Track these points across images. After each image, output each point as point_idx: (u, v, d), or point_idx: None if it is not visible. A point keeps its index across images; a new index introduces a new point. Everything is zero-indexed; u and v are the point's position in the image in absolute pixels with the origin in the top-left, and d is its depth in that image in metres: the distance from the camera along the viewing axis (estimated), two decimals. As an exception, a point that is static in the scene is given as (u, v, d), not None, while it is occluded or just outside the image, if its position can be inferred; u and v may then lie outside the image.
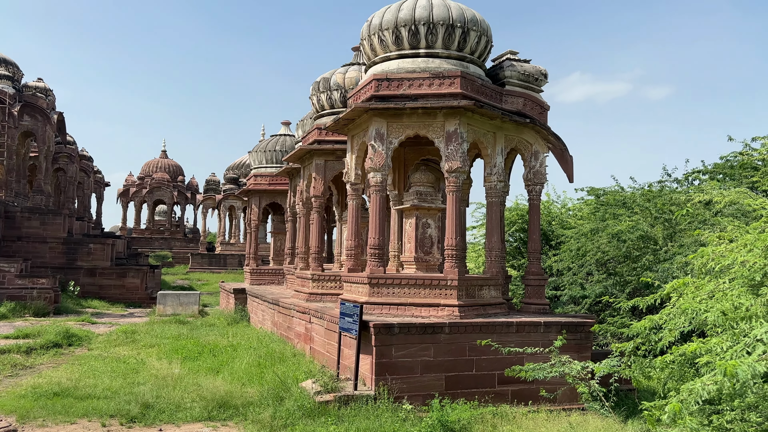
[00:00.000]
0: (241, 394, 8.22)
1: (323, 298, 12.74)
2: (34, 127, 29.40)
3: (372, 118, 9.62)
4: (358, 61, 13.74)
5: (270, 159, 21.16)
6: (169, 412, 7.56)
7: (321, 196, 13.61)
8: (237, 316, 17.30)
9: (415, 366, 8.37)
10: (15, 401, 7.92)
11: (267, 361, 10.41)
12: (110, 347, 12.39)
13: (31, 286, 19.19)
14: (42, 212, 24.97)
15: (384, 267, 9.78)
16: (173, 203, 49.29)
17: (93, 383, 8.84)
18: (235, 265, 39.13)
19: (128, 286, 24.45)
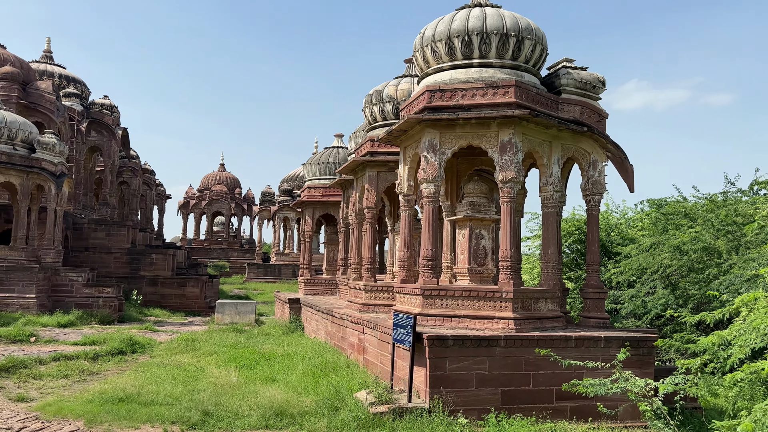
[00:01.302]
0: (297, 403, 8.31)
1: (376, 308, 12.76)
2: (100, 142, 30.87)
3: (425, 129, 9.62)
4: (411, 73, 13.80)
5: (323, 171, 21.46)
6: (228, 420, 7.71)
7: (373, 207, 13.69)
8: (292, 325, 17.53)
9: (470, 379, 8.26)
10: (83, 406, 8.25)
11: (321, 371, 10.49)
12: (171, 355, 12.78)
13: (98, 295, 20.04)
14: (107, 224, 26.12)
15: (437, 278, 9.72)
16: (231, 215, 50.62)
17: (155, 390, 9.12)
18: (289, 275, 39.75)
19: (188, 296, 25.22)
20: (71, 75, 31.34)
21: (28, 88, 25.34)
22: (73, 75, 31.47)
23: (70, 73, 31.39)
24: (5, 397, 8.91)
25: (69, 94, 29.33)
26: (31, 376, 10.21)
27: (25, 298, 18.42)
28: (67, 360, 11.49)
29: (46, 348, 12.80)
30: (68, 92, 29.39)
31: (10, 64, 24.92)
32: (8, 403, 8.63)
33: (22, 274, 18.66)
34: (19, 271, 18.69)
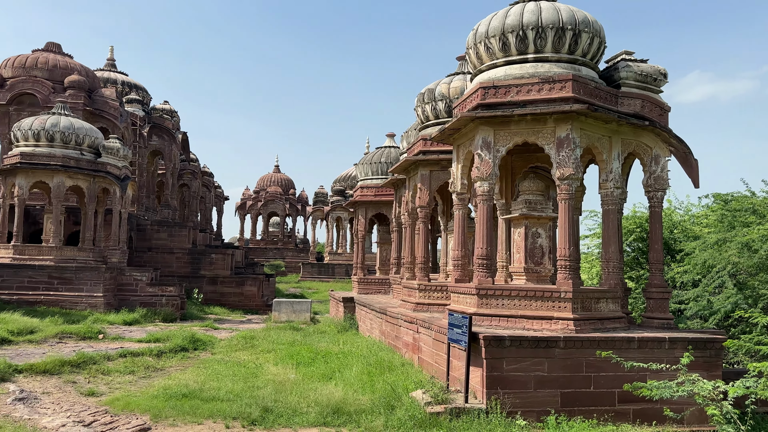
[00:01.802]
0: (353, 401, 8.37)
1: (430, 308, 12.73)
2: (161, 146, 32.01)
3: (478, 126, 9.52)
4: (463, 71, 13.67)
5: (375, 171, 21.56)
6: (287, 416, 7.85)
7: (426, 206, 13.65)
8: (346, 324, 17.70)
9: (528, 381, 8.13)
10: (148, 401, 8.56)
11: (376, 370, 10.54)
12: (231, 352, 13.11)
13: (161, 294, 20.77)
14: (169, 225, 27.05)
15: (492, 278, 9.61)
16: (285, 215, 51.57)
17: (217, 386, 9.38)
18: (343, 274, 40.14)
19: (246, 294, 25.84)
20: (133, 82, 32.60)
21: (93, 96, 26.51)
22: (135, 82, 32.73)
23: (132, 80, 32.66)
24: (77, 392, 9.34)
25: (131, 100, 30.52)
26: (100, 372, 10.67)
27: (92, 296, 19.28)
28: (133, 356, 11.95)
29: (113, 345, 13.35)
30: (130, 98, 30.58)
31: (77, 73, 26.12)
32: (80, 397, 9.06)
33: (89, 274, 19.54)
34: (87, 271, 19.58)
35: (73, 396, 9.08)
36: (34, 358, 11.08)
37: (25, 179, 20.03)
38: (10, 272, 19.07)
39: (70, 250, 20.49)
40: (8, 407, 8.21)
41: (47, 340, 13.42)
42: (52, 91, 25.20)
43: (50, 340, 13.48)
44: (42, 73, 25.79)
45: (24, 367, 10.27)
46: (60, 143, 20.46)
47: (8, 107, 25.24)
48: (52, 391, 9.26)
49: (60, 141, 20.44)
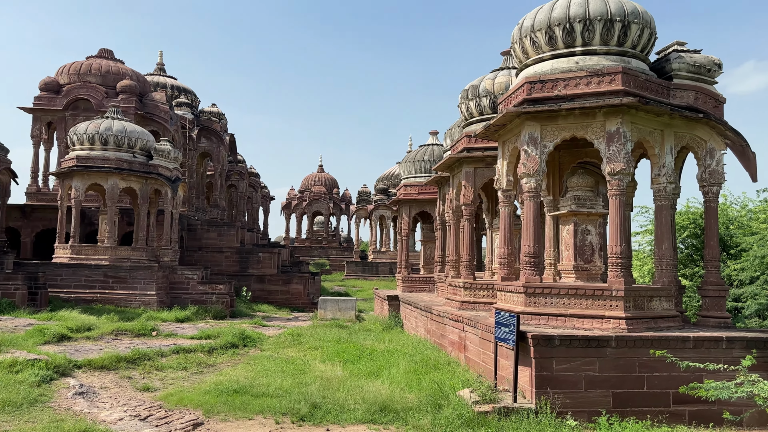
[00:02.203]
0: (400, 398, 8.39)
1: (476, 306, 12.63)
2: (210, 148, 32.78)
3: (524, 122, 9.38)
4: (508, 66, 13.50)
5: (419, 169, 21.52)
6: (335, 413, 7.93)
7: (471, 203, 13.54)
8: (391, 322, 17.74)
9: (578, 380, 7.97)
10: (201, 396, 8.78)
11: (423, 368, 10.52)
12: (279, 349, 13.32)
13: (211, 292, 21.29)
14: (218, 225, 27.68)
15: (540, 276, 9.45)
16: (329, 214, 52.07)
17: (266, 382, 9.55)
18: (386, 272, 40.24)
19: (292, 292, 26.24)
20: (182, 85, 33.47)
21: (144, 100, 27.36)
22: (184, 85, 33.60)
23: (181, 84, 33.54)
24: (133, 387, 9.67)
25: (180, 103, 31.35)
26: (154, 368, 11.00)
27: (146, 294, 19.92)
28: (186, 353, 12.28)
29: (166, 341, 13.75)
30: (180, 102, 31.41)
31: (128, 78, 27.01)
32: (135, 392, 9.37)
33: (143, 273, 20.19)
34: (140, 270, 20.24)
35: (129, 391, 9.40)
36: (92, 354, 11.51)
37: (80, 181, 20.83)
38: (69, 271, 19.88)
39: (124, 249, 21.21)
40: (69, 401, 8.56)
41: (104, 336, 13.92)
42: (105, 96, 26.13)
43: (107, 336, 13.98)
44: (95, 79, 26.76)
45: (83, 362, 10.69)
46: (113, 146, 21.19)
47: (64, 112, 26.31)
48: (109, 386, 9.60)
49: (113, 144, 21.17)
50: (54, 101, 26.23)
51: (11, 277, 17.57)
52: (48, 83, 26.47)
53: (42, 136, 26.83)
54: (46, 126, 26.76)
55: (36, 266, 19.91)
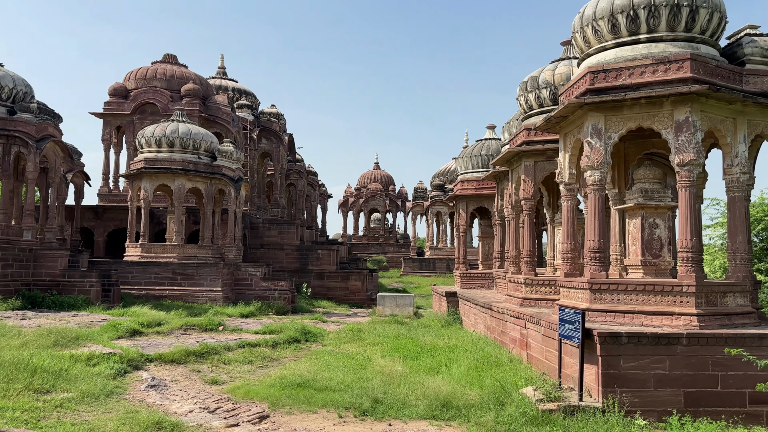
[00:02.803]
0: (462, 395, 8.35)
1: (537, 303, 12.41)
2: (269, 148, 33.52)
3: (587, 113, 9.13)
4: (569, 56, 13.17)
5: (476, 164, 21.30)
6: (396, 408, 7.97)
7: (531, 198, 13.29)
8: (450, 318, 17.66)
9: (647, 379, 7.71)
10: (266, 390, 9.00)
11: (484, 365, 10.43)
12: (340, 344, 13.51)
13: (273, 288, 21.82)
14: (279, 223, 28.31)
15: (605, 271, 9.19)
16: (386, 211, 52.33)
17: (328, 376, 9.70)
18: (444, 268, 40.08)
19: (351, 288, 26.55)
20: (242, 88, 34.37)
21: (207, 102, 28.25)
22: (244, 88, 34.48)
23: (242, 86, 34.43)
24: (201, 380, 10.02)
25: (241, 105, 32.19)
26: (222, 362, 11.37)
27: (212, 291, 20.60)
28: (251, 347, 12.63)
29: (231, 336, 14.17)
30: (241, 104, 32.25)
31: (192, 82, 27.94)
32: (204, 384, 9.70)
33: (209, 270, 20.89)
34: (206, 267, 20.95)
35: (198, 384, 9.74)
36: (163, 348, 11.99)
37: (149, 183, 21.72)
38: (139, 269, 20.80)
39: (191, 247, 21.99)
40: (142, 393, 8.95)
41: (173, 331, 14.48)
42: (171, 100, 27.14)
43: (176, 331, 14.53)
44: (161, 83, 27.83)
45: (154, 356, 11.15)
46: (179, 148, 21.99)
47: (132, 116, 27.50)
48: (179, 379, 9.98)
49: (179, 146, 21.97)
50: (122, 106, 27.46)
51: (86, 274, 18.53)
52: (117, 89, 27.72)
53: (112, 139, 28.13)
54: (115, 130, 28.05)
55: (108, 264, 20.93)
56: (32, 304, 17.09)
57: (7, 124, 18.25)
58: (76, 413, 7.47)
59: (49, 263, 18.42)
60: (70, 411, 7.51)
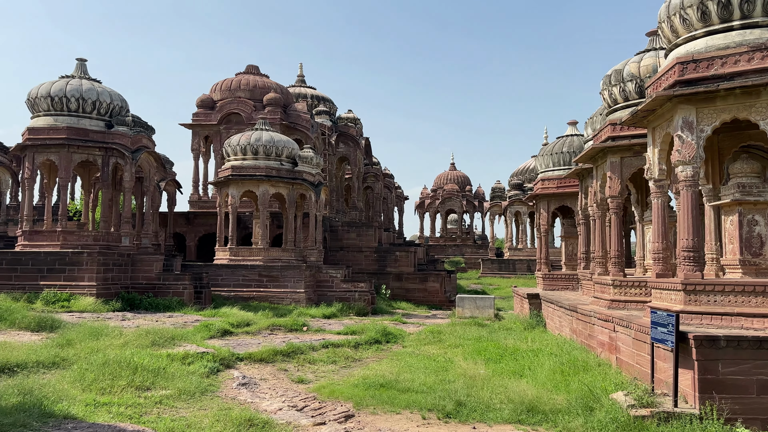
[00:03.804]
0: (548, 400, 8.17)
1: (626, 305, 11.93)
2: (347, 152, 34.13)
3: (677, 105, 8.70)
4: (655, 47, 12.60)
5: (557, 162, 20.75)
6: (480, 411, 7.91)
7: (618, 196, 12.80)
8: (532, 321, 17.29)
9: (749, 385, 7.24)
10: (350, 390, 9.18)
11: (570, 369, 10.15)
12: (420, 345, 13.55)
13: (353, 290, 22.20)
14: (357, 225, 28.76)
15: (700, 272, 8.71)
16: (462, 212, 51.91)
17: (410, 378, 9.76)
18: (524, 270, 39.26)
19: (429, 290, 26.55)
20: (320, 94, 35.21)
21: (288, 110, 29.15)
22: (322, 94, 35.32)
23: (320, 93, 35.29)
24: (288, 379, 10.34)
25: (319, 111, 32.99)
26: (307, 361, 11.69)
27: (296, 292, 21.22)
28: (334, 347, 12.91)
29: (315, 336, 14.55)
30: (319, 110, 33.06)
31: (273, 91, 28.92)
32: (291, 383, 10.01)
33: (292, 272, 21.54)
34: (290, 270, 21.61)
35: (285, 382, 10.07)
36: (252, 347, 12.48)
37: (236, 189, 22.67)
38: (228, 272, 21.75)
39: (275, 250, 22.77)
40: (234, 391, 9.36)
41: (261, 331, 15.03)
42: (254, 109, 28.22)
43: (263, 331, 15.08)
44: (244, 94, 29.00)
45: (244, 355, 11.63)
46: (263, 156, 22.84)
47: (219, 126, 28.80)
48: (267, 378, 10.35)
49: (263, 154, 22.81)
50: (209, 116, 28.82)
51: (180, 277, 19.58)
52: (204, 100, 29.12)
53: (201, 149, 29.58)
54: (203, 139, 29.47)
55: (200, 267, 22.01)
56: (131, 306, 18.25)
57: (105, 137, 19.60)
58: (174, 409, 7.91)
59: (146, 267, 19.61)
60: (169, 407, 7.97)
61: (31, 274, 18.00)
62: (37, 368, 9.35)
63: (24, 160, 19.64)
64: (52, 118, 19.23)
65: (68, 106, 19.23)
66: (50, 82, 19.56)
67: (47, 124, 19.15)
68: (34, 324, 13.07)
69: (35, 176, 19.75)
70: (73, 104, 19.23)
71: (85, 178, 22.37)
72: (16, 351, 10.02)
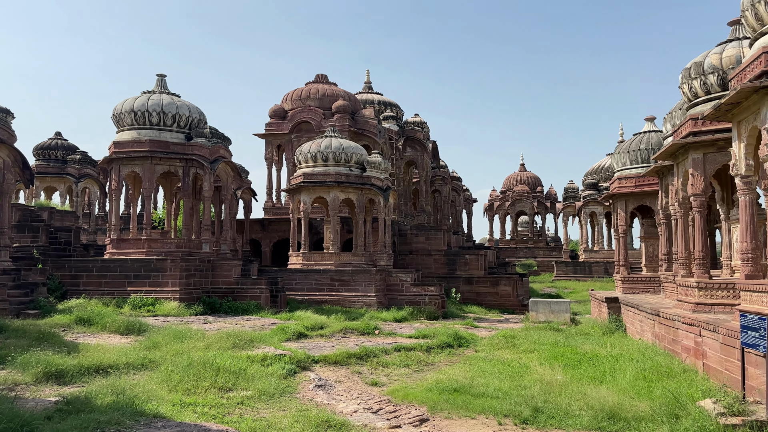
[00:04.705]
0: (630, 407, 7.87)
1: (713, 308, 11.31)
2: (414, 156, 34.23)
3: (764, 97, 8.21)
4: (737, 36, 11.94)
5: (634, 159, 20.00)
6: (558, 418, 7.72)
7: (701, 194, 12.19)
8: (611, 325, 16.70)
9: None
10: (424, 393, 9.18)
11: (653, 375, 9.74)
12: (493, 350, 13.37)
13: (423, 293, 22.20)
14: (426, 229, 28.76)
15: (796, 272, 8.17)
16: (534, 213, 50.81)
17: (485, 383, 9.65)
18: (601, 272, 38.00)
19: (501, 294, 26.16)
20: (387, 100, 35.52)
21: (355, 117, 29.58)
22: (389, 100, 35.61)
23: (387, 99, 35.60)
24: (362, 381, 10.47)
25: (386, 117, 33.28)
26: (380, 364, 11.79)
27: (367, 296, 21.47)
28: (406, 351, 12.96)
29: (387, 340, 14.66)
30: (386, 115, 33.35)
31: (341, 99, 29.43)
32: (365, 386, 10.13)
33: (363, 276, 21.80)
34: (360, 274, 21.88)
35: (359, 385, 10.20)
36: (326, 350, 12.72)
37: (307, 196, 23.22)
38: (301, 276, 22.28)
39: (345, 255, 23.13)
40: (310, 392, 9.57)
41: (334, 334, 15.30)
42: (323, 117, 28.81)
43: (336, 334, 15.34)
44: (314, 102, 29.67)
45: (319, 358, 11.88)
46: (333, 162, 23.29)
47: (290, 135, 29.59)
48: (342, 380, 10.52)
49: (332, 160, 23.27)
50: (281, 126, 29.67)
51: (257, 282, 20.23)
52: (276, 110, 30.01)
53: (273, 157, 30.49)
54: (276, 148, 30.36)
55: (275, 272, 22.66)
56: (211, 310, 19.02)
57: (185, 149, 20.55)
58: (255, 410, 8.18)
59: (225, 272, 20.39)
60: (250, 408, 8.24)
61: (119, 280, 19.11)
62: (128, 369, 9.90)
63: (111, 173, 20.91)
64: (135, 132, 20.37)
65: (150, 120, 20.32)
66: (133, 97, 20.74)
67: (131, 138, 20.30)
68: (123, 327, 13.86)
69: (121, 187, 20.99)
70: (154, 118, 20.30)
71: (167, 188, 23.53)
72: (108, 353, 10.65)
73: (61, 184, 31.94)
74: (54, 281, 18.90)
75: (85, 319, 14.49)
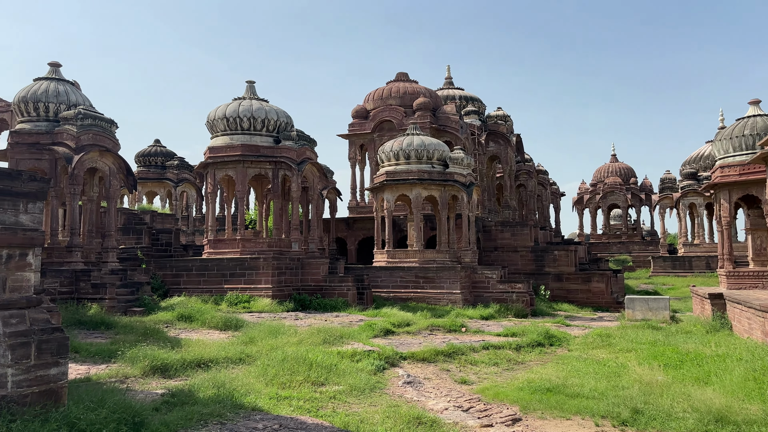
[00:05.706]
0: (739, 409, 7.36)
1: (835, 305, 10.35)
2: (497, 150, 33.64)
3: None
4: None
5: (738, 146, 18.67)
6: (660, 420, 7.34)
7: (818, 181, 11.17)
8: (716, 323, 15.67)
9: None
10: (515, 392, 9.00)
11: (764, 376, 9.04)
12: (587, 349, 12.90)
13: (510, 290, 21.79)
14: (511, 225, 28.20)
15: None
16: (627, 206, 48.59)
17: (579, 383, 9.33)
18: (702, 267, 35.78)
19: (593, 291, 25.20)
20: (468, 95, 35.13)
21: (437, 113, 29.47)
22: (470, 94, 35.20)
23: (468, 93, 35.22)
24: (451, 379, 10.42)
25: (468, 112, 32.90)
26: (468, 362, 11.68)
27: (452, 293, 21.35)
28: (495, 349, 12.76)
29: (475, 338, 14.50)
30: (467, 110, 32.98)
31: (422, 96, 29.40)
32: (454, 384, 10.08)
33: (447, 273, 21.69)
34: (445, 271, 21.78)
35: (448, 383, 10.16)
36: (414, 347, 12.77)
37: (390, 194, 23.40)
38: (386, 273, 22.50)
39: (429, 252, 23.11)
40: (400, 389, 9.63)
41: (420, 332, 15.33)
42: (404, 115, 28.92)
43: (423, 331, 15.36)
44: (395, 101, 29.84)
45: (407, 354, 11.93)
46: (415, 160, 23.33)
47: (372, 135, 29.92)
48: (431, 377, 10.52)
49: (414, 158, 23.31)
50: (363, 126, 30.07)
51: (344, 279, 20.64)
52: (358, 111, 30.45)
53: (357, 157, 30.96)
54: (359, 148, 30.81)
55: (360, 270, 23.02)
56: (302, 306, 19.60)
57: (274, 152, 21.29)
58: (347, 405, 8.34)
59: (313, 270, 20.95)
60: (342, 402, 8.41)
61: (216, 279, 20.11)
62: (227, 363, 10.38)
63: (206, 177, 22.02)
64: (228, 138, 21.34)
65: (241, 126, 21.22)
66: (225, 104, 21.73)
67: (224, 143, 21.28)
68: (221, 323, 14.57)
69: (216, 190, 22.07)
70: (245, 123, 21.18)
71: (258, 190, 24.48)
72: (208, 348, 11.22)
73: (161, 189, 34.00)
74: (157, 280, 20.16)
75: (186, 315, 15.35)
